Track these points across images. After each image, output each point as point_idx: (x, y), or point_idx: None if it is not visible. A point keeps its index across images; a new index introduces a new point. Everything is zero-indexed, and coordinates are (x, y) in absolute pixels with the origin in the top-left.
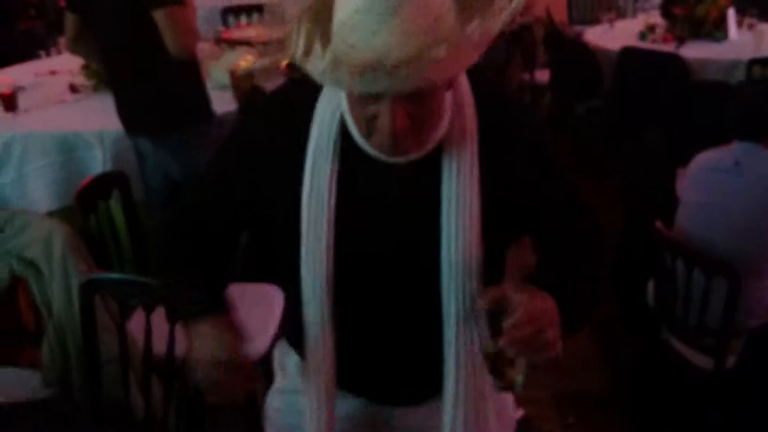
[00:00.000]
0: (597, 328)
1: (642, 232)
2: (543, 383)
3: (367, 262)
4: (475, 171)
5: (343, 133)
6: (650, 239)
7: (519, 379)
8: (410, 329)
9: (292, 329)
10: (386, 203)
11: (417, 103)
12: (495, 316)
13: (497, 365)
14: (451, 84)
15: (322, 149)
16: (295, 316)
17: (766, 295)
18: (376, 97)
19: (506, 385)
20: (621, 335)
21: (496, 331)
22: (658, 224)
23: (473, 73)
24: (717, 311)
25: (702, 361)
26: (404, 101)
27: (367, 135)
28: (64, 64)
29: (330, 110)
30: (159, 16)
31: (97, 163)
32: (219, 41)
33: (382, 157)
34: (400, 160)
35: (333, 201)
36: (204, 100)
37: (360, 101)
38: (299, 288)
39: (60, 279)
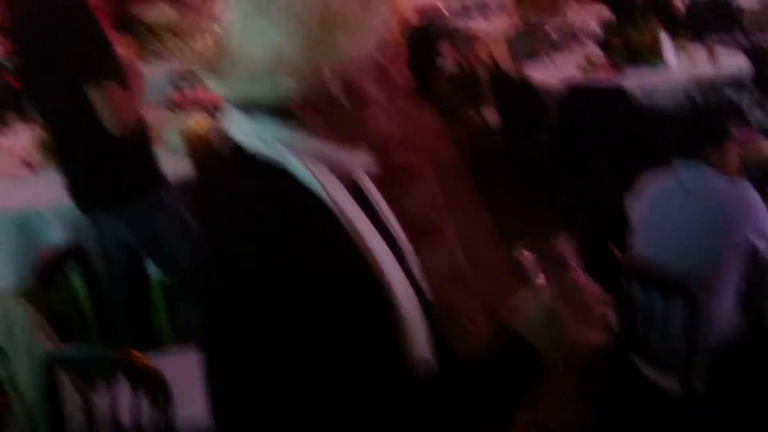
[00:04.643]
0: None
1: (597, 259)
2: None
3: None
4: None
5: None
6: (606, 265)
7: None
8: None
9: None
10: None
11: None
12: None
13: None
14: None
15: (347, 200)
16: None
17: (723, 312)
18: None
19: None
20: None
21: None
22: (612, 249)
23: None
24: (677, 332)
25: (668, 380)
26: None
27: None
28: (17, 141)
29: (307, 161)
30: (92, 91)
31: (55, 237)
32: (170, 105)
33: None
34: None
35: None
36: (154, 168)
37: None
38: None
39: (24, 357)
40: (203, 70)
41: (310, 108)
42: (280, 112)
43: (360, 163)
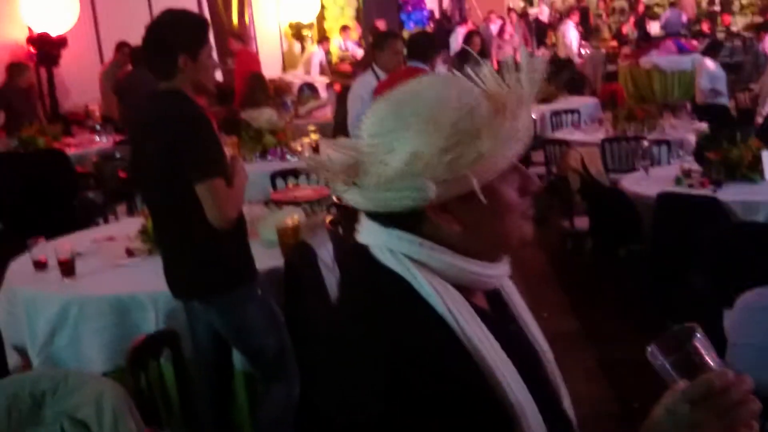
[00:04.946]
0: None
1: None
2: None
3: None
4: None
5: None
6: None
7: None
8: None
9: None
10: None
11: None
12: None
13: None
14: None
15: (470, 319)
16: None
17: None
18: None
19: None
20: None
21: None
22: None
23: None
24: None
25: None
26: None
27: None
28: (122, 230)
29: (433, 278)
30: (199, 188)
31: (151, 323)
32: (268, 203)
33: (496, 273)
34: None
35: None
36: (249, 261)
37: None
38: None
39: None
40: (338, 182)
41: (450, 217)
42: (415, 222)
43: (497, 274)
